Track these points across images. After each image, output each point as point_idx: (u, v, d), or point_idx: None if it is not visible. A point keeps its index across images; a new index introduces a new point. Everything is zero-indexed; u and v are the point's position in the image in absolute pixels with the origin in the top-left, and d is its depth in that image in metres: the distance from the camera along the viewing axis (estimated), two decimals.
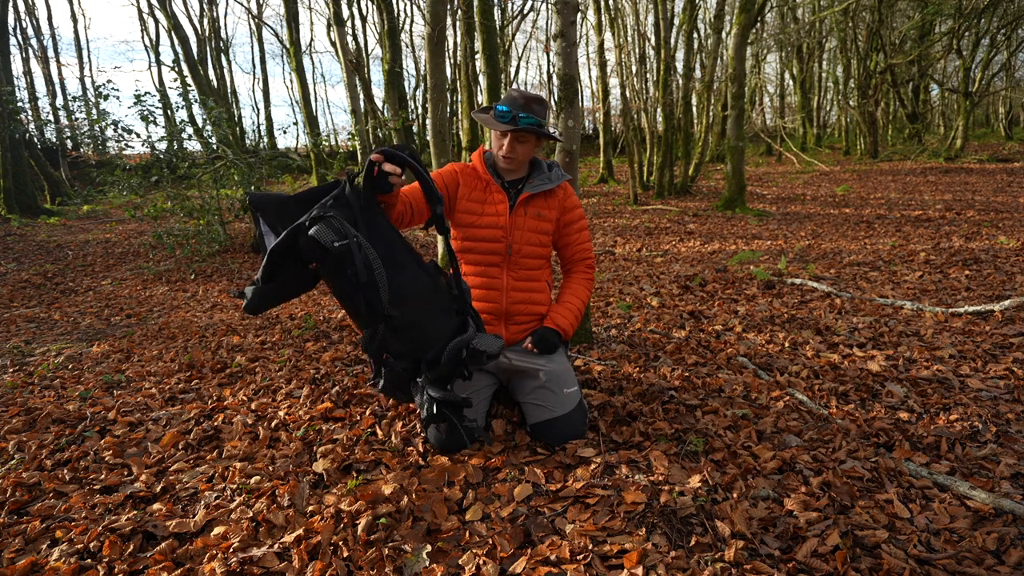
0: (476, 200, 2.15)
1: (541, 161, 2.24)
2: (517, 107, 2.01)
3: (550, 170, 2.21)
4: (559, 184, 2.19)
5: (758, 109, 24.61)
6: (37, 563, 1.58)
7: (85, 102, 10.21)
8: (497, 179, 2.18)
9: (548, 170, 2.21)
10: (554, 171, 2.21)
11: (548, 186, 2.15)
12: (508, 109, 2.01)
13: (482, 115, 2.15)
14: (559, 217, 2.22)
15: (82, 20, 54.71)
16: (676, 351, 3.14)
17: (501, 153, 2.08)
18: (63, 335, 4.54)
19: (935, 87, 23.71)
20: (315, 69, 56.84)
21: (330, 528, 1.65)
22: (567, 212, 2.23)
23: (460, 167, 2.20)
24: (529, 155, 2.14)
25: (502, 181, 2.19)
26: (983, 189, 11.10)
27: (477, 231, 2.14)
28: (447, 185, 2.15)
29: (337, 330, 3.92)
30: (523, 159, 2.13)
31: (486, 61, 6.55)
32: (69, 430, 2.41)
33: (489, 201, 2.15)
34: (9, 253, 8.18)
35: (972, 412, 2.30)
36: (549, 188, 2.16)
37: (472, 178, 2.18)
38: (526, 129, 2.01)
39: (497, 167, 2.19)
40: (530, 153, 2.13)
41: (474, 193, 2.16)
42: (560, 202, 2.21)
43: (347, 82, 14.00)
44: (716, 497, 1.76)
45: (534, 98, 2.04)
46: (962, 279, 4.52)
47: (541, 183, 2.15)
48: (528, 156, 2.14)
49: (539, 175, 2.18)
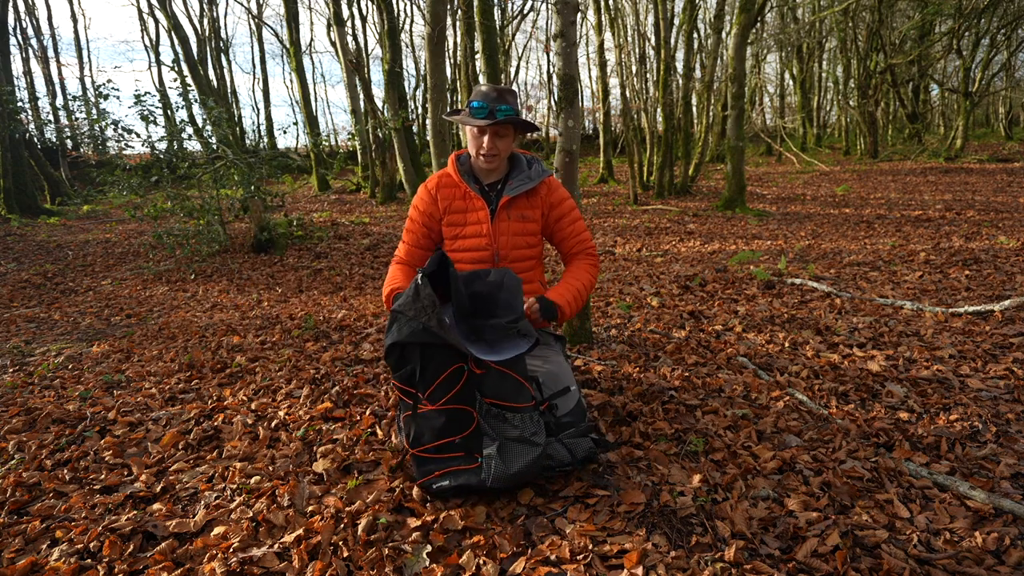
0: (457, 211, 2.08)
1: (521, 157, 2.15)
2: (491, 100, 1.95)
3: (530, 167, 2.12)
4: (541, 181, 2.10)
5: (758, 109, 24.61)
6: (37, 563, 1.58)
7: (85, 102, 10.19)
8: (474, 184, 2.09)
9: (528, 167, 2.12)
10: (534, 168, 2.12)
11: (529, 185, 2.07)
12: (483, 104, 1.95)
13: (455, 116, 2.08)
14: (547, 213, 2.14)
15: (82, 20, 54.74)
16: (676, 351, 3.14)
17: (482, 152, 1.99)
18: (63, 335, 4.54)
19: (935, 87, 23.72)
20: (315, 69, 56.89)
21: (330, 528, 1.65)
22: (555, 207, 2.13)
23: (433, 184, 2.12)
24: (509, 150, 2.06)
25: (480, 186, 2.10)
26: (983, 189, 11.10)
27: (462, 242, 2.09)
28: (430, 214, 2.10)
29: (337, 330, 3.92)
30: (504, 154, 2.05)
31: (486, 61, 6.55)
32: (69, 430, 2.41)
33: (470, 209, 2.07)
34: (9, 253, 8.18)
35: (972, 412, 2.30)
36: (530, 187, 2.07)
37: (449, 189, 2.10)
38: (505, 121, 1.94)
39: (474, 171, 2.11)
40: (510, 148, 2.06)
41: (454, 204, 2.08)
42: (544, 199, 2.11)
43: (347, 82, 14.00)
44: (716, 497, 1.76)
45: (506, 90, 1.98)
46: (962, 279, 4.52)
47: (521, 183, 2.07)
48: (508, 151, 2.06)
49: (519, 175, 2.09)
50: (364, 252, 7.91)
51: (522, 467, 1.70)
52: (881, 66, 18.37)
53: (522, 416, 1.75)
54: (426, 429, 1.77)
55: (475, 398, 1.76)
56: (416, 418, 1.78)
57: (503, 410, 1.75)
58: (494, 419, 1.75)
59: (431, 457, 1.78)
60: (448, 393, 1.73)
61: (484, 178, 2.12)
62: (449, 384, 1.72)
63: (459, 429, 1.76)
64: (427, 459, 1.79)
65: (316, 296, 5.74)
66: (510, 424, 1.74)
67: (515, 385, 1.76)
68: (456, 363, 1.72)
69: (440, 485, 1.76)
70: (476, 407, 1.76)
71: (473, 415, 1.76)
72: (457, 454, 1.77)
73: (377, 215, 11.32)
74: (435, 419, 1.75)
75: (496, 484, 1.70)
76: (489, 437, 1.75)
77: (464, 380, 1.73)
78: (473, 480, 1.73)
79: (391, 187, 13.37)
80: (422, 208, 2.10)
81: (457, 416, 1.75)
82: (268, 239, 7.83)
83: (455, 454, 1.77)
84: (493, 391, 1.75)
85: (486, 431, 1.75)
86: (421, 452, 1.79)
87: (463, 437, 1.76)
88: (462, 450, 1.77)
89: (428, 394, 1.73)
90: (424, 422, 1.77)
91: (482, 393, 1.75)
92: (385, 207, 12.52)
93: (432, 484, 1.77)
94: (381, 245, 8.29)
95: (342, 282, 6.38)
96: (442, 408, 1.74)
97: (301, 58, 15.89)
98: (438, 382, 1.72)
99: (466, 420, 1.76)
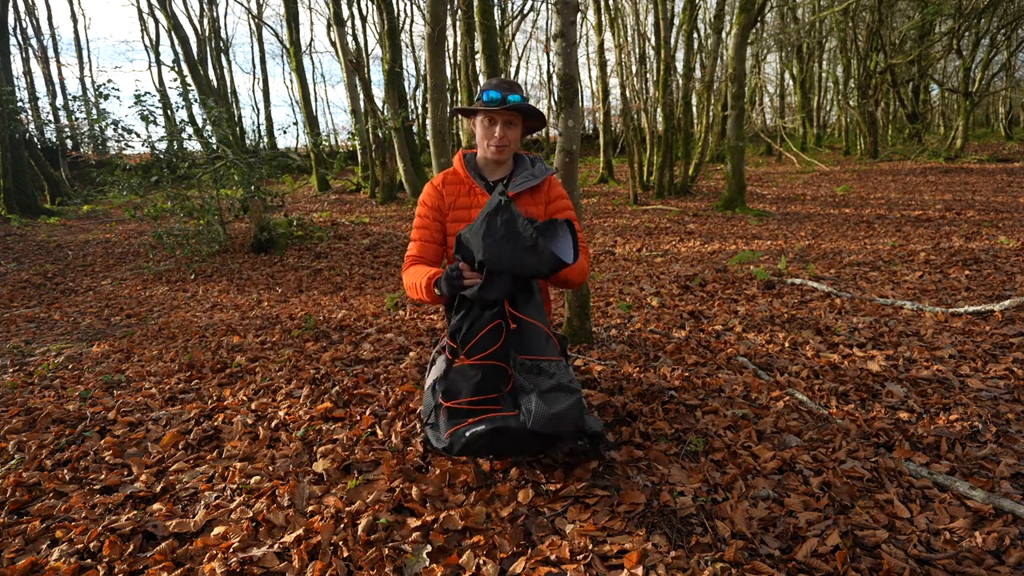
0: (462, 207, 2.10)
1: (524, 156, 2.19)
2: (504, 89, 1.99)
3: (533, 165, 2.16)
4: (544, 178, 2.14)
5: (758, 109, 24.60)
6: (37, 563, 1.58)
7: (85, 102, 10.20)
8: (480, 181, 2.13)
9: (532, 165, 2.16)
10: (537, 166, 2.16)
11: (533, 182, 2.10)
12: (497, 93, 1.99)
13: (468, 110, 2.11)
14: (545, 209, 2.16)
15: (82, 20, 54.75)
16: (676, 351, 3.14)
17: (494, 143, 2.03)
18: (63, 335, 4.54)
19: (935, 87, 23.72)
20: (315, 69, 56.82)
21: (330, 528, 1.65)
22: (552, 203, 2.16)
23: (439, 181, 2.15)
24: (518, 141, 2.09)
25: (485, 183, 2.14)
26: (983, 189, 11.10)
27: None
28: (437, 208, 2.12)
29: (337, 330, 3.93)
30: (514, 145, 2.08)
31: (486, 61, 6.56)
32: (69, 430, 2.41)
33: (475, 205, 2.10)
34: (9, 253, 8.18)
35: (972, 412, 2.30)
36: (534, 184, 2.11)
37: (454, 184, 2.13)
38: (517, 106, 1.97)
39: (480, 168, 2.15)
40: (519, 140, 2.09)
41: (459, 199, 2.11)
42: (545, 195, 2.15)
43: (347, 82, 14.00)
44: (716, 497, 1.76)
45: (515, 82, 2.05)
46: (962, 279, 4.52)
47: (525, 180, 2.10)
48: (517, 142, 2.09)
49: (522, 172, 2.13)
50: (364, 252, 7.91)
51: (563, 408, 1.71)
52: (881, 66, 18.38)
53: (556, 365, 1.79)
54: (463, 384, 1.81)
55: (509, 355, 1.81)
56: (452, 373, 1.84)
57: (537, 362, 1.79)
58: (528, 372, 1.79)
59: (466, 408, 1.82)
60: (488, 349, 1.79)
61: (490, 175, 2.15)
62: (489, 340, 1.79)
63: (495, 386, 1.82)
64: (460, 410, 1.82)
65: (316, 296, 5.74)
66: (546, 374, 1.78)
67: (545, 337, 1.82)
68: (496, 319, 1.78)
69: (475, 430, 1.77)
70: (511, 364, 1.81)
71: (508, 372, 1.82)
72: (495, 407, 1.81)
73: (377, 215, 11.32)
74: (472, 374, 1.81)
75: (537, 426, 1.71)
76: (524, 391, 1.78)
77: (504, 337, 1.79)
78: (512, 423, 1.76)
79: (391, 187, 13.37)
80: (430, 203, 2.13)
81: (494, 372, 1.81)
82: (268, 239, 7.83)
83: (495, 407, 1.81)
84: (526, 346, 1.80)
85: (522, 385, 1.79)
86: (455, 403, 1.82)
87: (500, 394, 1.82)
88: (499, 404, 1.82)
89: (467, 349, 1.79)
90: (460, 377, 1.82)
91: (516, 350, 1.80)
92: (385, 207, 12.52)
93: (465, 431, 1.78)
94: (381, 245, 8.29)
95: (342, 282, 6.38)
96: (479, 363, 1.79)
97: (301, 58, 15.90)
98: (479, 337, 1.78)
99: (503, 376, 1.82)
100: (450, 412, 1.83)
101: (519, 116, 2.03)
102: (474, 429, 1.77)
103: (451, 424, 1.82)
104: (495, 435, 1.77)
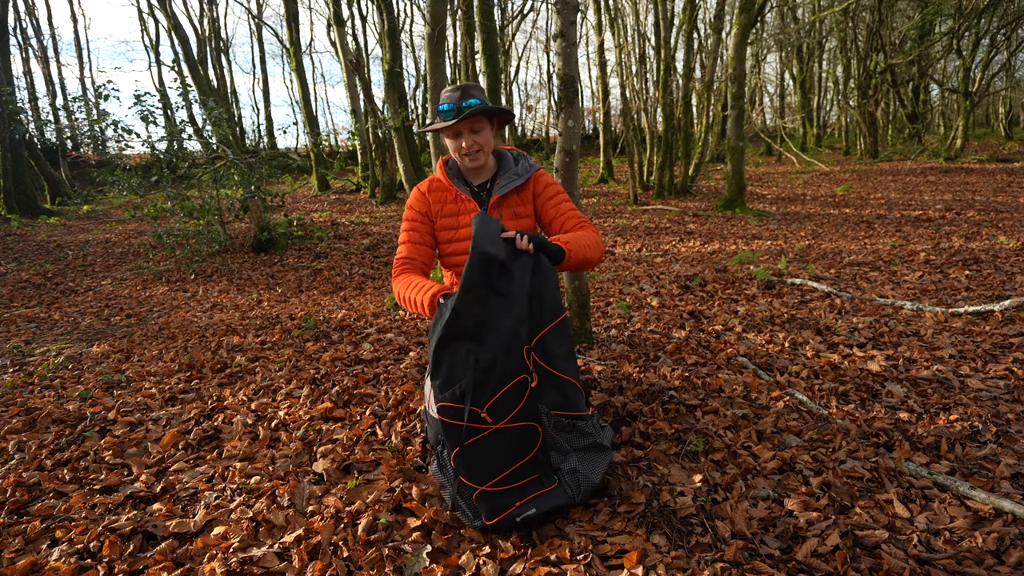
0: (450, 214, 2.06)
1: (507, 154, 2.10)
2: (456, 99, 1.92)
3: (517, 163, 2.09)
4: (529, 176, 2.06)
5: (758, 109, 24.58)
6: (37, 563, 1.58)
7: (85, 102, 10.20)
8: (464, 187, 2.07)
9: (515, 163, 2.09)
10: (521, 164, 2.09)
11: (517, 182, 2.03)
12: (450, 105, 1.91)
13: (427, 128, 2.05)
14: (536, 202, 2.09)
15: (82, 20, 54.81)
16: (676, 351, 3.14)
17: (464, 152, 1.95)
18: (63, 335, 4.54)
19: (935, 87, 23.71)
20: (315, 69, 56.84)
21: (330, 528, 1.65)
22: (540, 194, 2.07)
23: (426, 187, 2.10)
24: (490, 142, 2.01)
25: (470, 188, 2.08)
26: (983, 189, 11.10)
27: (457, 245, 2.06)
28: (425, 212, 2.06)
29: (337, 330, 3.92)
30: (487, 148, 2.00)
31: (486, 61, 6.56)
32: (69, 430, 2.41)
33: (462, 212, 2.05)
34: (9, 253, 8.18)
35: (972, 412, 2.30)
36: (519, 183, 2.02)
37: (440, 192, 2.08)
38: (474, 112, 1.88)
39: (463, 173, 2.09)
40: (491, 140, 2.00)
41: (446, 207, 2.06)
42: (531, 190, 2.08)
43: (347, 82, 14.01)
44: (716, 497, 1.76)
45: (470, 84, 1.96)
46: (962, 279, 4.52)
47: (509, 180, 2.02)
48: (490, 143, 2.01)
49: (506, 172, 2.05)
50: (364, 252, 7.91)
51: (603, 475, 1.68)
52: (881, 66, 18.37)
53: (588, 422, 1.72)
54: (492, 456, 1.62)
55: (539, 411, 1.67)
56: (474, 447, 1.60)
57: (573, 420, 1.69)
58: (562, 431, 1.68)
59: (506, 489, 1.62)
60: (513, 409, 1.59)
61: (473, 179, 2.09)
62: (514, 398, 1.58)
63: (529, 448, 1.65)
64: (501, 492, 1.61)
65: (316, 296, 5.74)
66: (581, 432, 1.68)
67: (574, 391, 1.70)
68: (520, 374, 1.57)
69: (527, 515, 1.61)
70: (541, 421, 1.67)
71: (539, 430, 1.67)
72: (533, 476, 1.66)
73: (377, 215, 11.32)
74: (500, 441, 1.60)
75: (584, 499, 1.65)
76: (558, 451, 1.68)
77: (528, 393, 1.60)
78: (562, 500, 1.64)
79: (391, 187, 13.37)
80: (418, 207, 2.08)
81: (526, 433, 1.64)
82: (268, 239, 7.83)
83: (531, 476, 1.66)
84: (555, 401, 1.68)
85: (555, 444, 1.68)
86: (493, 487, 1.60)
87: (534, 456, 1.66)
88: (536, 470, 1.67)
89: (487, 408, 1.56)
90: (487, 448, 1.61)
91: (547, 404, 1.68)
92: (385, 207, 12.51)
93: (515, 516, 1.61)
94: (381, 245, 8.29)
95: (342, 282, 6.38)
96: (507, 426, 1.60)
97: (301, 58, 15.90)
98: (499, 395, 1.56)
99: (534, 436, 1.66)
100: (486, 496, 1.62)
101: (483, 118, 1.94)
102: (526, 514, 1.61)
103: (492, 508, 1.61)
104: (549, 516, 1.66)
